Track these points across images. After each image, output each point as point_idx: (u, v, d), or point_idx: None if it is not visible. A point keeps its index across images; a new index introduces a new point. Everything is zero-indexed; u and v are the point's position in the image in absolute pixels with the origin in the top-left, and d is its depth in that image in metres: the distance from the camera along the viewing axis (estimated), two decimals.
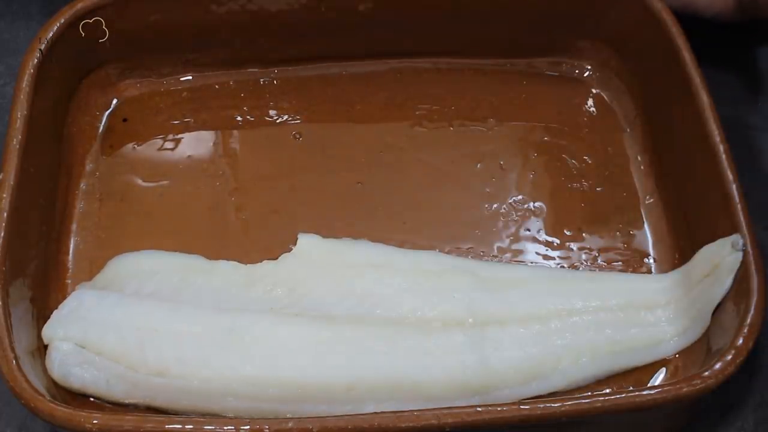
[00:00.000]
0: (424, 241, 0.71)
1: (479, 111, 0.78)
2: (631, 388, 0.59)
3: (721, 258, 0.64)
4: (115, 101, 0.77)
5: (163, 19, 0.75)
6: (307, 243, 0.69)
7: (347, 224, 0.72)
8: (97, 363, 0.61)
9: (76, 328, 0.62)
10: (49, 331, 0.62)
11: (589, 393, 0.63)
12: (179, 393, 0.61)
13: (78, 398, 0.62)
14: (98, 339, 0.61)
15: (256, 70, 0.79)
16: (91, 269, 0.69)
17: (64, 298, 0.65)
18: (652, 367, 0.65)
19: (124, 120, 0.77)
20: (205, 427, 0.56)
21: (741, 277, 0.63)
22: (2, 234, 0.62)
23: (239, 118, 0.77)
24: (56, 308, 0.64)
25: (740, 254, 0.64)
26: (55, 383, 0.61)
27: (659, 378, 0.65)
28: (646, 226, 0.73)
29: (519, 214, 0.73)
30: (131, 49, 0.76)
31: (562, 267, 0.70)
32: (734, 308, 0.63)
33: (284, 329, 0.63)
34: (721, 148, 0.66)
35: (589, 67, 0.80)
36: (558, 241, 0.72)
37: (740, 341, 0.60)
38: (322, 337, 0.63)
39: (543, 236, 0.72)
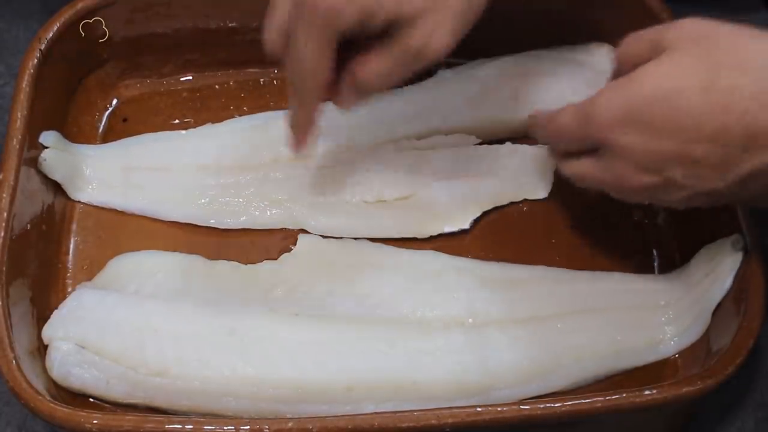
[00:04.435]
0: (424, 241, 0.71)
1: None
2: (631, 388, 0.59)
3: (721, 258, 0.65)
4: (115, 101, 0.77)
5: (163, 19, 0.75)
6: (307, 243, 0.69)
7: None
8: (97, 363, 0.61)
9: (76, 328, 0.62)
10: (49, 331, 0.62)
11: (589, 393, 0.63)
12: (179, 393, 0.61)
13: (78, 398, 0.62)
14: (98, 339, 0.61)
15: (256, 70, 0.79)
16: (91, 269, 0.69)
17: (64, 298, 0.65)
18: (652, 367, 0.65)
19: (124, 120, 0.77)
20: (205, 427, 0.56)
21: (741, 277, 0.63)
22: (2, 234, 0.62)
23: None
24: (56, 308, 0.64)
25: (740, 254, 0.64)
26: (55, 383, 0.61)
27: (659, 378, 0.65)
28: (646, 226, 0.73)
29: (519, 214, 0.73)
30: (131, 49, 0.76)
31: (562, 267, 0.70)
32: (734, 308, 0.63)
33: (284, 329, 0.63)
34: None
35: None
36: (558, 242, 0.72)
37: (740, 341, 0.60)
38: (322, 337, 0.63)
39: (543, 236, 0.72)
